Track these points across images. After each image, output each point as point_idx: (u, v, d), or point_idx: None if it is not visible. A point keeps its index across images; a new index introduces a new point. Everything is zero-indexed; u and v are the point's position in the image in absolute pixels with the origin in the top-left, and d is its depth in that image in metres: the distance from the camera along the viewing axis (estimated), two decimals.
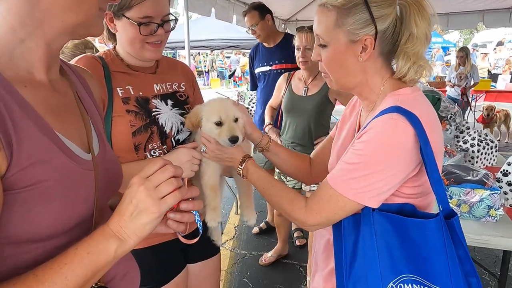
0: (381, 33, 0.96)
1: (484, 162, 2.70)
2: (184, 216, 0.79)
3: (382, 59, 1.02)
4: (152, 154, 1.28)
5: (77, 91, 0.85)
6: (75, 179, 0.70)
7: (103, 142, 0.85)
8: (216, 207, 1.26)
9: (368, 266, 0.93)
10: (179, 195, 0.70)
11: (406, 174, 0.95)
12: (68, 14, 0.69)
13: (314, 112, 2.56)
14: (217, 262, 1.61)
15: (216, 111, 1.22)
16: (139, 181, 0.68)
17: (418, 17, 0.95)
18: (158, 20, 1.24)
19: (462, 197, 1.86)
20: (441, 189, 0.93)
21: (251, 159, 1.22)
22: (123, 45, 1.29)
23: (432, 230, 0.92)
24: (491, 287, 2.84)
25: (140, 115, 1.26)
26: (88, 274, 0.64)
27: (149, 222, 0.68)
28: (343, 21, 0.97)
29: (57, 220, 0.67)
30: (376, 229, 0.94)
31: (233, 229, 3.92)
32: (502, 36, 16.85)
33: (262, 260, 3.24)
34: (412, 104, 0.94)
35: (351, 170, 0.95)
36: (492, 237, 1.72)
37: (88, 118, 0.83)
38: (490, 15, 5.99)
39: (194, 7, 4.05)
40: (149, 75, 1.35)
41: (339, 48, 1.00)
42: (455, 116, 2.97)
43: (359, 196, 0.94)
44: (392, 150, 0.91)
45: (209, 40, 9.10)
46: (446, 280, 0.90)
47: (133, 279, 0.91)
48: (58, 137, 0.70)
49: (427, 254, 0.92)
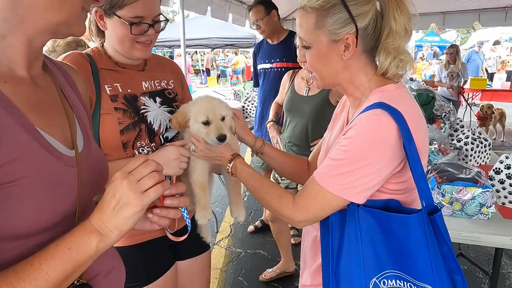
0: (362, 30, 0.97)
1: (477, 160, 2.71)
2: (170, 212, 0.80)
3: (365, 56, 1.03)
4: (140, 152, 1.28)
5: (61, 87, 0.84)
6: (57, 176, 0.70)
7: (88, 139, 0.85)
8: (205, 205, 1.27)
9: (352, 262, 0.94)
10: (161, 188, 0.70)
11: (391, 170, 0.95)
12: (50, 12, 0.69)
13: (313, 113, 2.48)
14: (207, 259, 1.61)
15: (203, 111, 1.22)
16: (121, 175, 0.68)
17: (396, 12, 0.95)
18: (149, 20, 1.24)
19: (454, 195, 1.87)
20: (424, 185, 0.94)
21: (239, 157, 1.22)
22: (112, 43, 1.29)
23: (415, 225, 0.93)
24: (485, 284, 2.86)
25: (128, 112, 1.26)
26: (69, 269, 0.64)
27: (131, 216, 0.68)
28: (323, 22, 0.98)
29: (39, 217, 0.67)
30: (361, 225, 0.94)
31: (229, 228, 3.93)
32: (499, 35, 16.90)
33: (263, 276, 2.99)
34: (396, 100, 0.94)
35: (336, 166, 0.96)
36: (484, 234, 1.73)
37: (73, 114, 0.83)
38: (486, 14, 6.02)
39: (190, 5, 4.06)
40: (137, 72, 1.35)
41: (321, 48, 1.01)
42: (449, 115, 2.98)
43: (345, 192, 0.95)
44: (376, 146, 0.92)
45: (206, 39, 9.10)
46: (429, 276, 0.91)
47: (118, 276, 0.90)
48: (40, 133, 0.70)
49: (411, 249, 0.93)
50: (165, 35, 8.88)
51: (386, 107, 0.92)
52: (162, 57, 1.57)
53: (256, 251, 3.44)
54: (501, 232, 1.73)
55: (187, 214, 0.90)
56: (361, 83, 1.05)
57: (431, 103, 2.97)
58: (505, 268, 3.09)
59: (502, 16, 6.00)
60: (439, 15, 6.25)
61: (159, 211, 0.78)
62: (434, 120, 3.00)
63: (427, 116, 3.02)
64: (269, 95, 3.37)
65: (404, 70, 1.02)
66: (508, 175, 1.98)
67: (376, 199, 0.98)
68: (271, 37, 3.36)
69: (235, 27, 7.73)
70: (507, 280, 2.94)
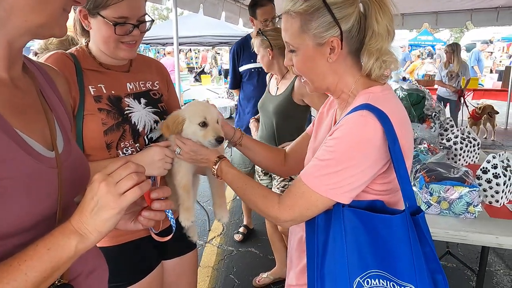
0: (346, 32, 0.98)
1: (466, 159, 2.73)
2: (157, 214, 0.81)
3: (351, 58, 1.04)
4: (124, 153, 1.27)
5: (41, 88, 0.84)
6: (36, 177, 0.70)
7: (68, 140, 0.85)
8: (189, 207, 1.27)
9: (337, 262, 0.95)
10: (139, 191, 0.71)
11: (376, 170, 0.97)
12: (31, 14, 0.69)
13: (276, 112, 2.45)
14: (194, 258, 1.61)
15: (200, 112, 1.23)
16: (100, 177, 0.69)
17: (379, 14, 0.97)
18: (134, 20, 1.23)
19: (442, 194, 1.89)
20: (408, 186, 0.95)
21: (225, 159, 1.22)
22: (97, 43, 1.28)
23: (398, 226, 0.94)
24: (473, 282, 2.90)
25: (112, 113, 1.26)
26: (48, 270, 0.64)
27: (109, 218, 0.69)
28: (308, 26, 0.98)
29: (18, 218, 0.67)
30: (345, 225, 0.95)
31: (221, 226, 3.93)
32: (491, 35, 17.03)
33: (256, 281, 2.93)
34: (382, 102, 0.95)
35: (323, 166, 0.97)
36: (470, 233, 1.76)
37: (52, 115, 0.83)
38: (478, 14, 6.08)
39: (183, 3, 4.05)
40: (121, 73, 1.35)
41: (307, 52, 1.02)
42: (439, 114, 3.01)
43: (331, 192, 0.96)
44: (362, 146, 0.93)
45: (199, 37, 9.08)
46: (411, 275, 0.92)
47: (100, 276, 0.91)
48: (18, 135, 0.70)
49: (394, 249, 0.94)
50: (159, 33, 8.85)
51: (372, 109, 0.93)
52: (148, 57, 1.56)
53: (248, 249, 3.45)
54: (487, 231, 1.76)
55: (171, 214, 0.91)
56: (348, 85, 1.06)
57: (421, 103, 3.00)
58: (492, 265, 3.14)
59: (494, 16, 6.07)
60: (432, 15, 6.30)
61: (148, 214, 0.79)
62: (424, 120, 3.02)
63: (418, 115, 3.05)
64: None
65: (389, 71, 1.03)
66: (495, 174, 2.01)
67: (361, 199, 0.99)
68: None
69: (229, 25, 7.72)
70: (494, 278, 2.98)
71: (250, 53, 3.30)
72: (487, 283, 2.84)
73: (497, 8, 5.93)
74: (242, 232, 3.67)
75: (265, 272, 2.98)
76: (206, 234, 3.75)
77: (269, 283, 2.92)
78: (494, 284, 2.91)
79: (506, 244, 1.72)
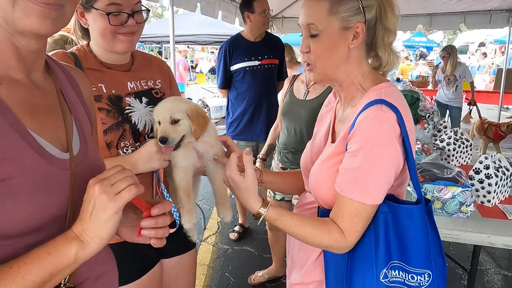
0: (368, 22, 1.03)
1: (459, 160, 2.78)
2: (158, 220, 0.79)
3: (365, 49, 1.08)
4: (124, 152, 1.28)
5: (62, 89, 0.84)
6: (46, 178, 0.70)
7: (85, 142, 0.84)
8: (190, 209, 1.27)
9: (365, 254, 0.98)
10: (134, 189, 0.70)
11: (401, 163, 0.99)
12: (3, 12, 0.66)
13: (309, 118, 2.26)
14: (193, 257, 1.61)
15: (156, 113, 1.24)
16: (94, 181, 0.69)
17: (390, 13, 1.03)
18: (128, 9, 1.24)
19: (435, 193, 1.93)
20: (416, 178, 1.00)
21: (269, 207, 1.05)
22: (96, 39, 1.28)
23: (418, 215, 0.98)
24: (464, 280, 2.95)
25: (112, 113, 1.26)
26: (46, 275, 0.64)
27: (108, 219, 0.68)
28: (337, 8, 1.01)
29: (26, 218, 0.67)
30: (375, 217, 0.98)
31: (216, 224, 3.95)
32: (484, 37, 17.22)
33: (251, 279, 2.96)
34: (393, 97, 0.99)
35: (360, 174, 0.96)
36: (463, 232, 1.79)
37: (71, 117, 0.83)
38: (471, 17, 6.14)
39: (179, 2, 4.04)
40: (122, 72, 1.35)
41: (332, 35, 1.03)
42: (433, 115, 3.05)
43: (375, 198, 0.97)
44: (388, 141, 0.95)
45: (195, 35, 9.05)
46: (427, 261, 0.97)
47: (108, 281, 0.89)
48: (31, 135, 0.70)
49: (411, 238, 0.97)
50: (154, 31, 8.81)
51: (389, 104, 0.96)
52: (150, 55, 1.55)
53: (243, 248, 3.48)
54: (479, 230, 1.80)
55: (175, 210, 0.92)
56: (357, 78, 1.08)
57: (415, 104, 3.04)
58: (484, 264, 3.19)
59: (486, 19, 6.14)
60: (426, 17, 6.35)
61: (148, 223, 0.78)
62: (418, 121, 3.06)
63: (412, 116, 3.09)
64: (264, 93, 3.30)
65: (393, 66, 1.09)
66: (487, 175, 2.05)
67: None
68: (262, 32, 3.32)
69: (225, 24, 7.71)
70: (485, 277, 3.04)
71: (243, 52, 3.28)
72: (478, 282, 2.90)
73: (490, 11, 6.00)
74: (237, 231, 3.69)
75: (260, 270, 3.01)
76: (201, 233, 3.76)
77: (264, 282, 2.95)
78: (485, 282, 2.96)
79: (497, 243, 1.76)
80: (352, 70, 1.08)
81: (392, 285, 0.96)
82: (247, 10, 3.20)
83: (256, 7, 3.14)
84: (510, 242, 1.74)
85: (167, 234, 0.82)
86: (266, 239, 3.20)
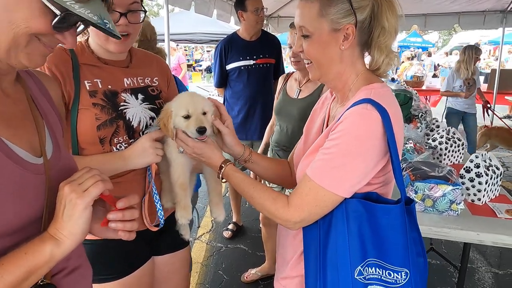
0: (360, 23, 1.03)
1: (451, 159, 2.81)
2: (125, 213, 0.83)
3: (358, 50, 1.09)
4: (118, 148, 1.28)
5: (33, 96, 0.86)
6: (21, 183, 0.73)
7: (58, 146, 0.86)
8: (186, 206, 1.27)
9: (339, 251, 0.98)
10: (101, 184, 0.75)
11: (379, 163, 1.00)
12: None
13: (300, 117, 2.29)
14: (186, 255, 1.61)
15: (184, 105, 1.22)
16: (63, 183, 0.74)
17: (389, 13, 1.03)
18: (122, 8, 1.22)
19: (426, 192, 1.95)
20: (401, 178, 1.01)
21: (230, 163, 1.18)
22: (92, 35, 1.28)
23: (397, 214, 0.99)
24: (455, 278, 2.97)
25: (106, 108, 1.26)
26: (23, 274, 0.68)
27: (79, 216, 0.72)
28: (326, 10, 1.02)
29: (1, 222, 0.69)
30: (348, 214, 0.99)
31: (210, 223, 3.96)
32: (478, 38, 17.30)
33: (244, 277, 2.98)
34: (382, 98, 1.00)
35: (328, 159, 0.99)
36: (452, 230, 1.82)
37: (43, 122, 0.85)
38: (466, 17, 6.18)
39: (174, 0, 4.03)
40: (119, 68, 1.34)
41: (322, 37, 1.05)
42: (425, 115, 3.07)
43: (337, 186, 0.98)
44: (367, 138, 0.97)
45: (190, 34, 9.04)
46: (405, 260, 0.98)
47: (84, 274, 0.93)
48: (3, 142, 0.72)
49: (390, 237, 0.99)
50: None
51: (374, 103, 0.97)
52: (150, 53, 1.54)
53: (236, 246, 3.49)
54: (468, 228, 1.82)
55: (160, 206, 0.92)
56: (350, 79, 1.10)
57: (408, 103, 3.06)
58: (474, 262, 3.23)
59: (480, 20, 6.19)
60: (421, 17, 6.38)
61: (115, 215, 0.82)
62: (411, 120, 3.08)
63: (405, 116, 3.11)
64: (259, 92, 3.31)
65: (390, 67, 1.10)
66: (477, 173, 2.07)
67: (357, 191, 1.02)
68: (257, 31, 3.33)
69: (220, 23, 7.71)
70: (476, 274, 3.07)
71: (238, 51, 3.30)
72: (469, 280, 2.93)
73: (484, 11, 6.05)
74: (231, 229, 3.70)
75: (253, 268, 3.02)
76: (195, 231, 3.77)
77: (257, 279, 2.97)
78: (475, 280, 2.99)
79: (486, 240, 1.79)
80: (346, 70, 1.09)
81: (368, 282, 0.97)
82: (240, 8, 3.21)
83: (249, 5, 3.14)
84: (498, 239, 1.76)
85: (135, 228, 0.86)
86: (259, 237, 3.20)
